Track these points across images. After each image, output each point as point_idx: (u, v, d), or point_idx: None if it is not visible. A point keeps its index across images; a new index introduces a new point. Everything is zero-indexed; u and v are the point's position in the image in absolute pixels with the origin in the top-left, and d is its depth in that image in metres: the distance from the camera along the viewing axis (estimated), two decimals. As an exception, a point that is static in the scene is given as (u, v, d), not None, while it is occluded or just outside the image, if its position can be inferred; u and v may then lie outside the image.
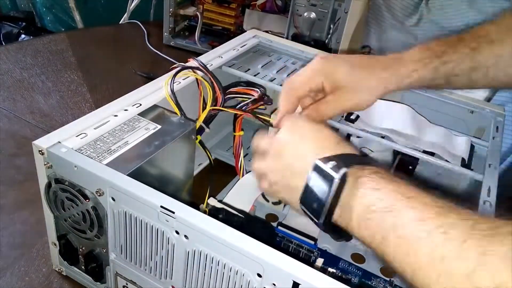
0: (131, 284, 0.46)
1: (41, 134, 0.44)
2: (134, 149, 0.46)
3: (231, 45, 0.68)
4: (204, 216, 0.37)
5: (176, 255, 0.40)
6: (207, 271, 0.38)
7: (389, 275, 0.56)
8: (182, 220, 0.37)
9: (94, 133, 0.46)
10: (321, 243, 0.58)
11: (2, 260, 0.52)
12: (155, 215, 0.38)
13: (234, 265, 0.36)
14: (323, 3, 0.93)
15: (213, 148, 0.70)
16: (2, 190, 0.62)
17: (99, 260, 0.46)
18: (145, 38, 1.07)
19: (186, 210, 0.38)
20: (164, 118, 0.52)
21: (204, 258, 0.38)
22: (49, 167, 0.43)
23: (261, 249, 0.35)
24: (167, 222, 0.38)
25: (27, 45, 1.00)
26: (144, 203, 0.39)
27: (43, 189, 0.45)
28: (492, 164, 0.52)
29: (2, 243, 0.54)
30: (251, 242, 0.35)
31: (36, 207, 0.56)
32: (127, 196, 0.39)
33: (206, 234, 0.36)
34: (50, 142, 0.43)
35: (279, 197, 0.44)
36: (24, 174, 0.65)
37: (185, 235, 0.38)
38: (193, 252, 0.38)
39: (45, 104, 0.81)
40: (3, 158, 0.68)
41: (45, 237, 0.50)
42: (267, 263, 0.34)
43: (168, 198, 0.38)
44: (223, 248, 0.36)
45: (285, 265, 0.34)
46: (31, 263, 0.52)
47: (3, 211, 0.59)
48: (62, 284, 0.51)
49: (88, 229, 0.44)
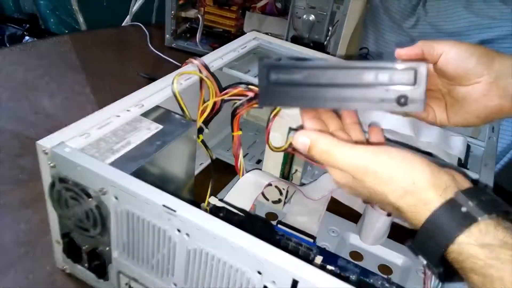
0: (134, 282, 0.46)
1: (45, 134, 0.45)
2: (136, 149, 0.47)
3: (232, 46, 0.69)
4: (205, 214, 0.38)
5: (178, 253, 0.41)
6: (208, 269, 0.39)
7: (386, 273, 0.57)
8: (183, 219, 0.38)
9: (97, 133, 0.47)
10: (320, 241, 0.59)
11: (6, 259, 0.53)
12: (157, 213, 0.39)
13: (235, 263, 0.37)
14: (322, 5, 0.94)
15: (214, 148, 0.71)
16: (6, 190, 0.62)
17: (102, 258, 0.47)
18: (147, 40, 1.08)
19: (187, 209, 0.38)
20: (166, 118, 0.53)
21: (205, 256, 0.39)
22: (53, 166, 0.44)
23: (261, 247, 0.36)
24: (168, 221, 0.39)
25: (31, 46, 1.01)
26: (146, 202, 0.39)
27: (47, 188, 0.46)
28: (488, 163, 0.53)
29: (7, 241, 0.55)
30: (251, 240, 0.36)
31: (40, 206, 0.57)
32: (129, 195, 0.40)
33: (207, 232, 0.37)
34: (53, 142, 0.44)
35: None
36: (28, 174, 0.65)
37: (187, 233, 0.39)
38: (194, 250, 0.39)
39: (49, 104, 0.82)
40: (8, 158, 0.68)
41: (49, 235, 0.50)
42: (267, 261, 0.35)
43: (169, 197, 0.39)
44: (224, 246, 0.37)
45: (284, 263, 0.35)
46: (35, 261, 0.53)
47: (7, 210, 0.59)
48: (66, 282, 0.51)
49: (91, 227, 0.45)
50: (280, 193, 0.62)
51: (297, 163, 0.63)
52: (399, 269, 0.58)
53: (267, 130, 0.56)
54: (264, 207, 0.64)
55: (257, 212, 0.62)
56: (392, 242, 0.60)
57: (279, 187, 0.61)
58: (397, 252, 0.59)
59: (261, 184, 0.56)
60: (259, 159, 0.70)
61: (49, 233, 0.50)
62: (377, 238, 0.58)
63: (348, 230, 0.62)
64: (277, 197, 0.62)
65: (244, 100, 0.57)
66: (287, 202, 0.63)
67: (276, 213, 0.64)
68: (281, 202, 0.63)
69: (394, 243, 0.60)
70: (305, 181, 0.66)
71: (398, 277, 0.57)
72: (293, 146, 0.55)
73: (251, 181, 0.57)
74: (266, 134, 0.56)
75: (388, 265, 0.58)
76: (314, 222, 0.59)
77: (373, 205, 0.54)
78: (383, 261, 0.59)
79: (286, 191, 0.61)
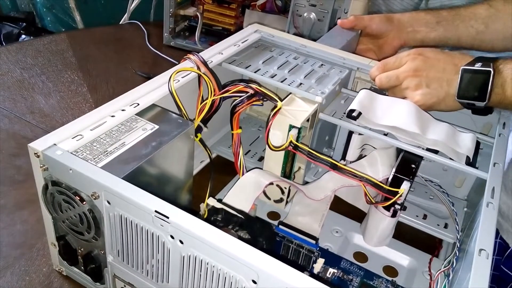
0: (129, 286, 0.46)
1: (41, 134, 0.44)
2: (131, 151, 0.46)
3: (232, 40, 0.67)
4: (199, 221, 0.37)
5: (172, 259, 0.39)
6: (203, 276, 0.38)
7: (392, 274, 0.55)
8: (176, 225, 0.37)
9: (91, 134, 0.46)
10: (323, 241, 0.58)
11: (2, 260, 0.53)
12: (149, 219, 0.38)
13: (229, 271, 0.36)
14: (323, 3, 0.92)
15: (215, 145, 0.70)
16: (2, 190, 0.62)
17: (97, 261, 0.46)
18: (145, 39, 1.07)
19: (180, 215, 0.37)
20: (162, 117, 0.51)
21: (200, 263, 0.37)
22: (45, 169, 0.43)
23: (256, 256, 0.34)
24: (162, 227, 0.38)
25: (28, 45, 1.00)
26: (138, 207, 0.38)
27: (40, 190, 0.45)
28: (497, 163, 0.51)
29: (3, 243, 0.55)
30: (246, 249, 0.35)
31: (36, 207, 0.56)
32: (121, 200, 0.39)
33: (201, 240, 0.36)
34: (45, 145, 0.43)
35: (431, 102, 0.56)
36: (24, 174, 0.65)
37: (180, 240, 0.37)
38: (188, 257, 0.38)
39: (46, 104, 0.81)
40: (4, 158, 0.68)
41: (45, 237, 0.50)
42: (262, 271, 0.34)
43: (162, 203, 0.38)
44: (218, 254, 0.35)
45: (279, 272, 0.33)
46: (32, 263, 0.53)
47: (3, 211, 0.59)
48: (63, 284, 0.51)
49: (85, 231, 0.44)
50: (282, 192, 0.60)
51: (300, 160, 0.61)
52: (405, 271, 0.56)
53: (266, 129, 0.54)
54: (265, 207, 0.63)
55: (258, 211, 0.61)
56: (397, 243, 0.59)
57: (281, 186, 0.60)
58: (402, 253, 0.57)
59: (261, 183, 0.54)
60: (261, 156, 0.69)
61: (46, 235, 0.49)
62: (381, 239, 0.57)
63: (352, 230, 0.60)
64: (279, 196, 0.61)
65: (244, 97, 0.55)
66: (289, 202, 0.61)
67: (278, 213, 0.62)
68: (283, 201, 0.61)
69: (399, 243, 0.59)
70: (308, 179, 0.65)
71: (404, 279, 0.55)
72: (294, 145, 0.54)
73: (251, 180, 0.55)
74: (266, 133, 0.54)
75: (393, 266, 0.57)
76: (316, 223, 0.57)
77: None
78: (388, 262, 0.57)
79: (288, 190, 0.60)
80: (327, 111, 0.60)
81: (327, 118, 0.59)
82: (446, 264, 0.51)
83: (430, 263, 0.56)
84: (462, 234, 0.56)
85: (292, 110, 0.56)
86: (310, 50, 0.69)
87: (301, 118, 0.54)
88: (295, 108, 0.56)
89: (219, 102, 0.55)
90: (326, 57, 0.68)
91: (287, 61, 0.66)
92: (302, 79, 0.62)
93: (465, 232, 0.55)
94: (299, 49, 0.69)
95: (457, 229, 0.57)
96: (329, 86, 0.61)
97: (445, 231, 0.59)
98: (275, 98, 0.54)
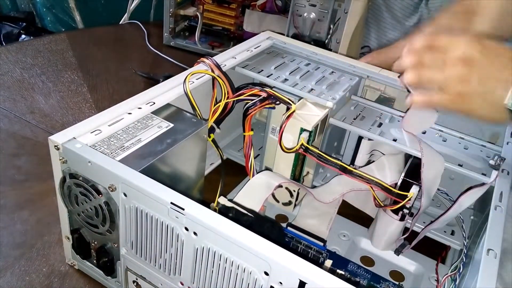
0: (141, 279, 0.46)
1: (41, 134, 0.44)
2: (146, 147, 0.47)
3: (245, 46, 0.69)
4: (213, 213, 0.38)
5: (185, 251, 0.40)
6: (215, 268, 0.39)
7: (398, 279, 0.56)
8: (191, 217, 0.38)
9: (109, 130, 0.47)
10: (331, 245, 0.58)
11: (2, 260, 0.52)
12: (165, 211, 0.39)
13: (242, 262, 0.36)
14: (323, 3, 0.93)
15: (225, 148, 0.71)
16: (2, 190, 0.61)
17: (110, 254, 0.47)
18: (145, 38, 1.07)
19: (195, 207, 0.38)
20: (177, 116, 0.52)
21: (213, 255, 0.38)
22: (64, 162, 0.44)
23: (268, 248, 0.35)
24: (176, 219, 0.39)
25: (28, 45, 1.00)
26: (154, 199, 0.39)
27: (58, 183, 0.46)
28: (505, 169, 0.52)
29: (2, 243, 0.55)
30: (259, 241, 0.36)
31: (36, 207, 0.57)
32: (138, 192, 0.40)
33: (215, 231, 0.37)
34: (65, 138, 0.44)
35: (466, 105, 0.46)
36: (24, 174, 0.64)
37: (194, 231, 0.38)
38: (201, 249, 0.39)
39: (46, 104, 0.82)
40: (4, 158, 0.67)
41: (45, 237, 0.49)
42: (274, 262, 0.34)
43: (178, 195, 0.39)
44: (231, 246, 0.36)
45: (292, 264, 0.34)
46: (31, 263, 0.53)
47: (3, 211, 0.59)
48: (63, 284, 0.51)
49: (100, 223, 0.45)
50: (290, 195, 0.61)
51: (309, 165, 0.62)
52: (412, 276, 0.57)
53: (280, 131, 0.55)
54: (274, 209, 0.63)
55: (267, 214, 0.62)
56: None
57: (289, 189, 0.61)
58: (409, 258, 0.58)
59: (271, 185, 0.55)
60: (270, 161, 0.70)
61: (46, 235, 0.48)
62: (389, 243, 0.57)
63: (359, 234, 0.61)
64: (287, 199, 0.62)
65: (257, 100, 0.56)
66: (297, 205, 0.62)
67: (286, 215, 0.63)
68: (291, 204, 0.62)
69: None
70: (316, 184, 0.65)
71: (410, 284, 0.56)
72: (304, 147, 0.55)
73: (261, 182, 0.56)
74: (279, 135, 0.55)
75: (400, 271, 0.57)
76: (324, 225, 0.58)
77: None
78: (395, 267, 0.58)
79: (297, 193, 0.61)
80: (337, 116, 0.61)
81: (337, 123, 0.60)
82: (453, 269, 0.51)
83: (437, 267, 0.57)
84: (469, 241, 0.56)
85: (304, 114, 0.57)
86: (321, 58, 0.70)
87: (312, 122, 0.56)
88: (307, 112, 0.58)
89: (233, 104, 0.57)
90: (337, 65, 0.69)
91: (299, 68, 0.68)
92: (313, 84, 0.63)
93: (472, 239, 0.56)
94: (310, 56, 0.71)
95: (464, 236, 0.57)
96: (339, 93, 0.62)
97: (452, 237, 0.59)
98: (289, 101, 0.55)
